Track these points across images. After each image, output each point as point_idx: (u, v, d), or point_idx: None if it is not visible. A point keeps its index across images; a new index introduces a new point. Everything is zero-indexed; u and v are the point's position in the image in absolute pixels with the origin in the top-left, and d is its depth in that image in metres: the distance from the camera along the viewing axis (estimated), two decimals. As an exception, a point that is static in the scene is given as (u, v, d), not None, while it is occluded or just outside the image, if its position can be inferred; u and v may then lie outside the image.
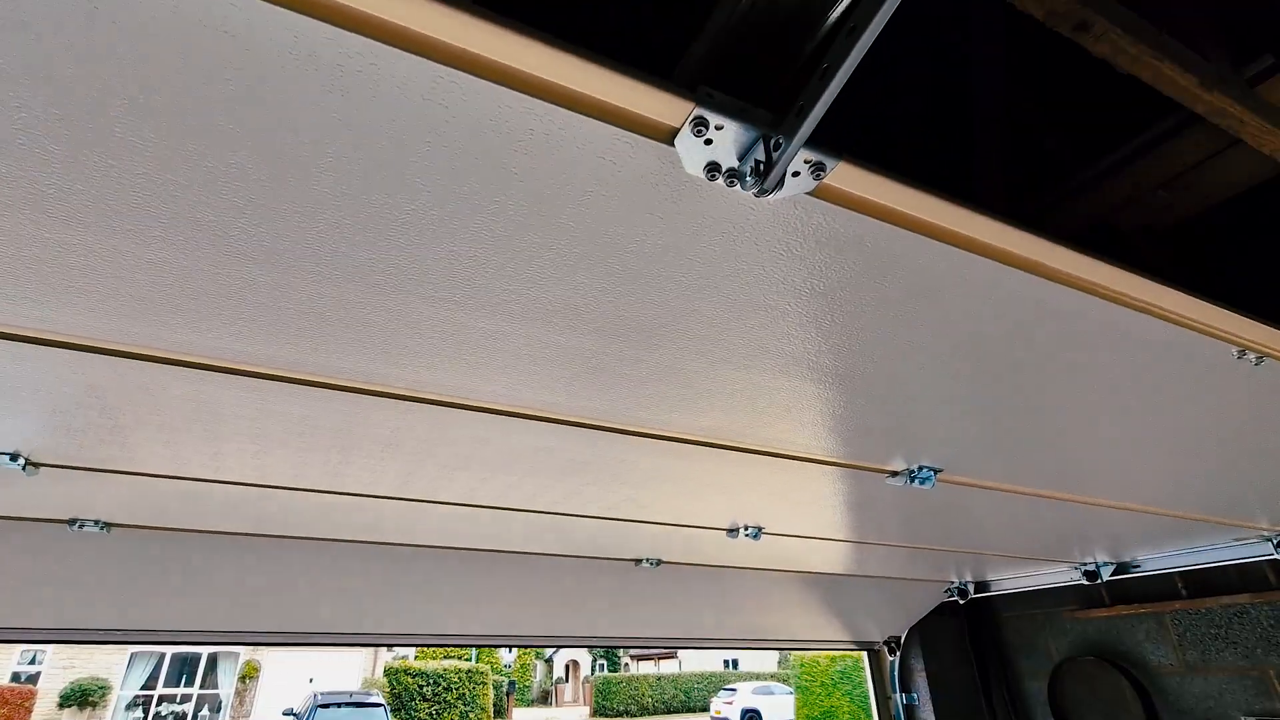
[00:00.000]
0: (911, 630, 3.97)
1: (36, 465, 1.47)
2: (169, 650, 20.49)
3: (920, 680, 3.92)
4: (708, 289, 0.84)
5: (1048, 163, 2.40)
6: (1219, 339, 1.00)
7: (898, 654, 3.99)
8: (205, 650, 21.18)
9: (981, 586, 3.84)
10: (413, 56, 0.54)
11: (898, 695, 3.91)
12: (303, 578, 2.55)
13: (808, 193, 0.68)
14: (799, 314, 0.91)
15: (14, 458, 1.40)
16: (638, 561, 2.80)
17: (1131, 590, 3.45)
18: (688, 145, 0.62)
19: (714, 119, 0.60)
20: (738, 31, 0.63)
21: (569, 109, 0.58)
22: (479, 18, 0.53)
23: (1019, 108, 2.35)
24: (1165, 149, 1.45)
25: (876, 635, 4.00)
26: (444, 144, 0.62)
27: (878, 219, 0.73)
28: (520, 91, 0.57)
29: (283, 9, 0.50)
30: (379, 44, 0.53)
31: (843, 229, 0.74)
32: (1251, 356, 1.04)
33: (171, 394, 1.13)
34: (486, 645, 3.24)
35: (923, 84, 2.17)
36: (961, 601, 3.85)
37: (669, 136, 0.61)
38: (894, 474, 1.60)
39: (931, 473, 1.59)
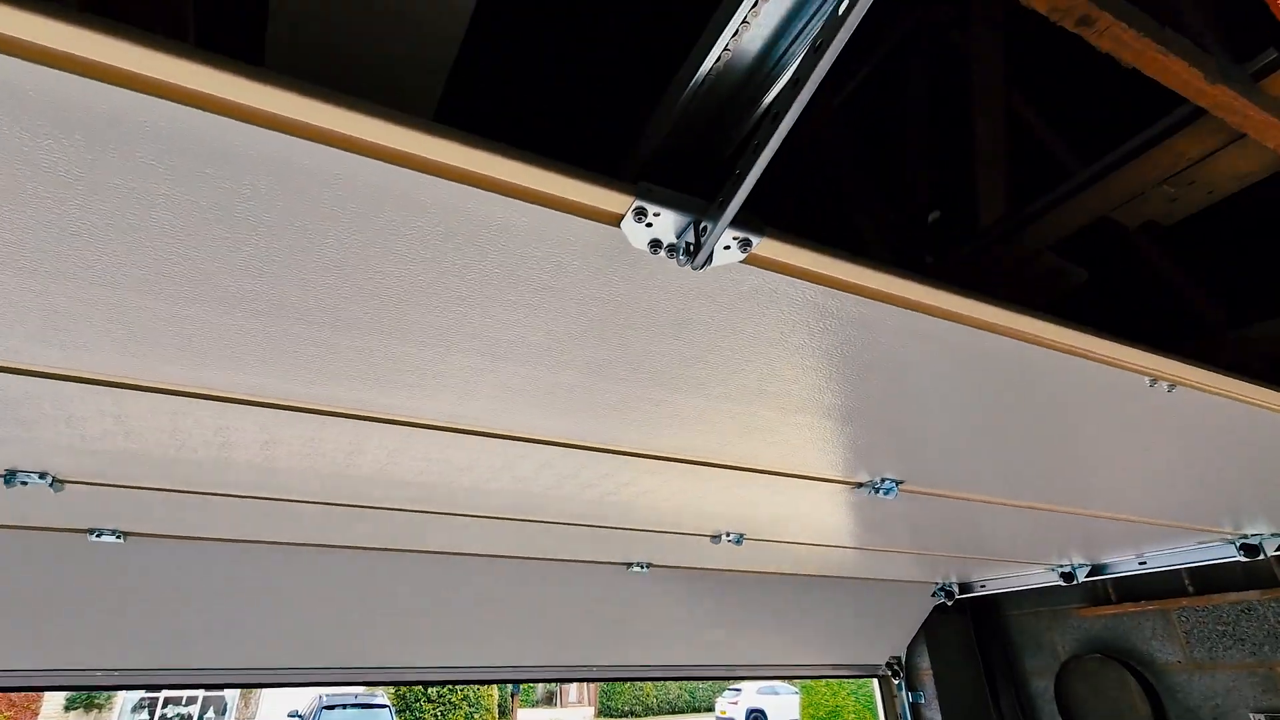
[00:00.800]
0: (919, 628, 4.00)
1: (63, 482, 1.60)
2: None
3: (926, 678, 3.95)
4: (666, 334, 0.98)
5: (1049, 162, 2.42)
6: (1132, 371, 1.15)
7: (903, 676, 3.97)
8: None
9: (965, 588, 3.87)
10: (399, 169, 0.68)
11: (903, 694, 3.94)
12: (308, 590, 2.56)
13: (740, 261, 0.80)
14: (752, 355, 1.04)
15: (42, 475, 1.55)
16: (629, 565, 2.89)
17: (1138, 588, 3.46)
18: (631, 228, 0.75)
19: (652, 208, 0.73)
20: (675, 133, 0.76)
21: (534, 203, 0.71)
22: (459, 142, 0.66)
23: (1019, 108, 2.36)
24: (1168, 144, 1.45)
25: (877, 656, 3.97)
26: (427, 228, 0.75)
27: (805, 280, 0.87)
28: (491, 191, 0.70)
29: (300, 139, 0.63)
30: (374, 161, 0.67)
31: (775, 288, 0.88)
32: (1164, 385, 1.19)
33: (193, 421, 1.25)
34: (500, 680, 3.16)
35: (926, 84, 2.20)
36: (949, 603, 3.88)
37: (616, 221, 0.75)
38: (859, 485, 1.73)
39: (894, 484, 1.72)
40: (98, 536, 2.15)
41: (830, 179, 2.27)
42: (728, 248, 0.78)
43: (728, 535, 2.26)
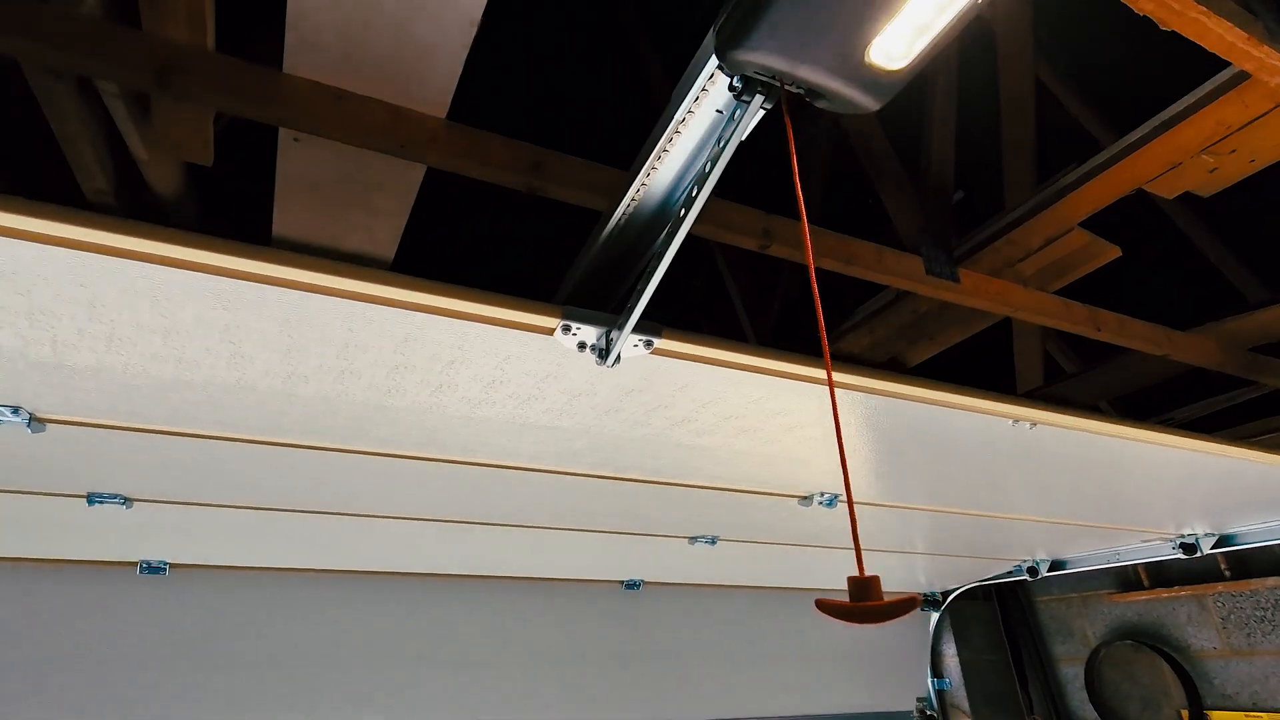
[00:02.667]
0: (942, 615, 3.96)
1: (132, 501, 1.85)
2: None
3: (952, 666, 3.92)
4: (617, 397, 1.32)
5: (1077, 138, 2.34)
6: (997, 415, 1.49)
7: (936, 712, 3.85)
8: None
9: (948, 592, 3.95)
10: (412, 313, 1.00)
11: (929, 681, 3.91)
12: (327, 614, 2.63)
13: (649, 353, 1.13)
14: (689, 409, 1.38)
15: (113, 496, 1.82)
16: (623, 583, 3.08)
17: (1171, 573, 3.38)
18: (561, 337, 1.09)
19: (574, 325, 1.07)
20: (596, 262, 1.10)
21: (497, 325, 1.05)
22: (430, 291, 0.98)
23: (1047, 80, 2.28)
24: (1208, 111, 1.38)
25: (905, 699, 3.81)
26: (424, 346, 1.09)
27: (701, 363, 1.20)
28: (467, 320, 1.03)
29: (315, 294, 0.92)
30: (386, 308, 0.98)
31: (680, 369, 1.22)
32: (1026, 424, 1.53)
33: (260, 457, 1.59)
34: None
35: (950, 58, 2.14)
36: (936, 612, 3.91)
37: (551, 333, 1.09)
38: (804, 499, 2.07)
39: (833, 497, 2.04)
40: (144, 571, 2.29)
41: (855, 162, 2.22)
42: (636, 346, 1.10)
43: (702, 538, 2.58)
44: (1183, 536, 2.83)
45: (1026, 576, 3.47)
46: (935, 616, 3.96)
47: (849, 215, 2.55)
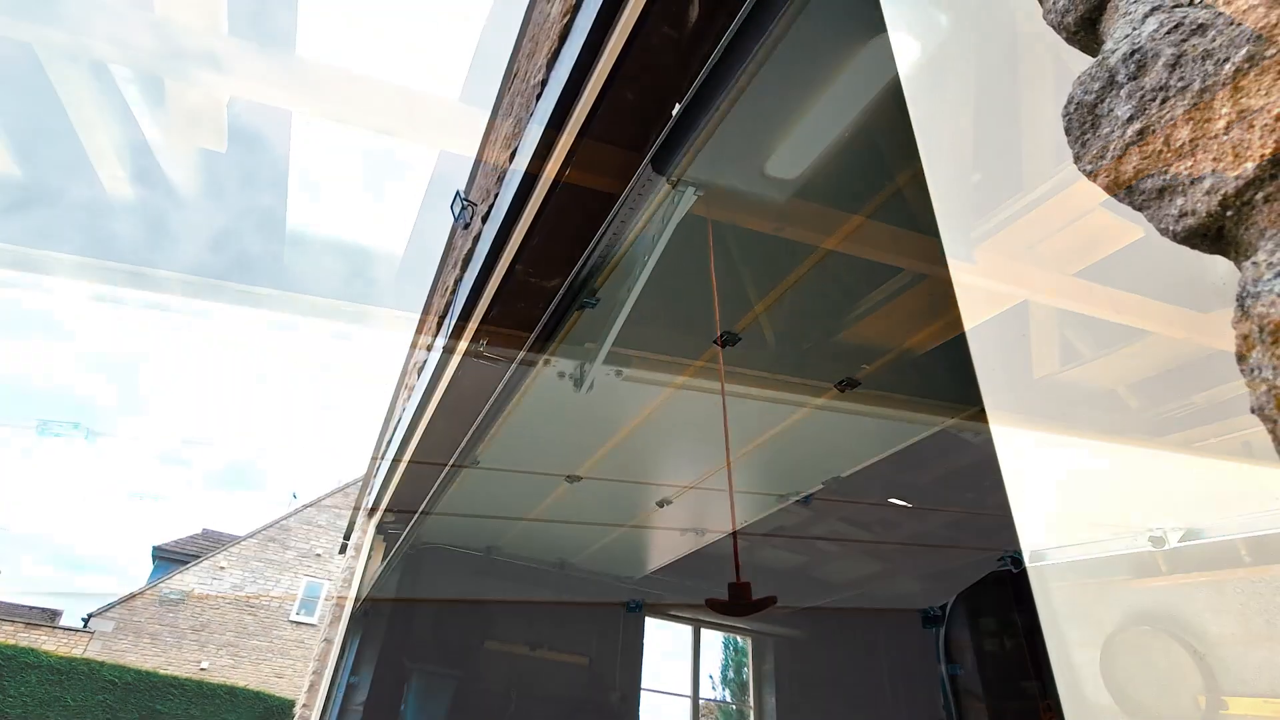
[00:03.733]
0: (957, 600, 3.95)
1: (157, 497, 1.94)
2: None
3: (966, 652, 3.91)
4: (593, 413, 1.54)
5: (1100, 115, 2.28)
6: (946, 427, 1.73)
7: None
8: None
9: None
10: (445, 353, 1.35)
11: (943, 666, 3.91)
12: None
13: (619, 379, 1.32)
14: (659, 423, 1.58)
15: (149, 495, 1.83)
16: (625, 605, 3.42)
17: (1189, 558, 3.35)
18: (541, 368, 1.20)
19: (556, 358, 1.38)
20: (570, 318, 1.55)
21: (509, 361, 1.21)
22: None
23: (1064, 56, 2.23)
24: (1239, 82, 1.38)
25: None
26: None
27: (664, 385, 1.36)
28: (484, 360, 1.26)
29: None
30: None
31: (647, 391, 1.39)
32: (968, 433, 1.73)
33: None
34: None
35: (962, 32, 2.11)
36: (940, 628, 3.95)
37: (544, 363, 1.21)
38: (783, 496, 2.42)
39: (809, 496, 2.40)
40: (163, 602, 2.43)
41: (870, 143, 2.18)
42: (609, 374, 1.35)
43: (696, 531, 2.97)
44: (1150, 530, 3.04)
45: (1011, 568, 3.58)
46: (942, 631, 4.00)
47: (864, 196, 2.52)
